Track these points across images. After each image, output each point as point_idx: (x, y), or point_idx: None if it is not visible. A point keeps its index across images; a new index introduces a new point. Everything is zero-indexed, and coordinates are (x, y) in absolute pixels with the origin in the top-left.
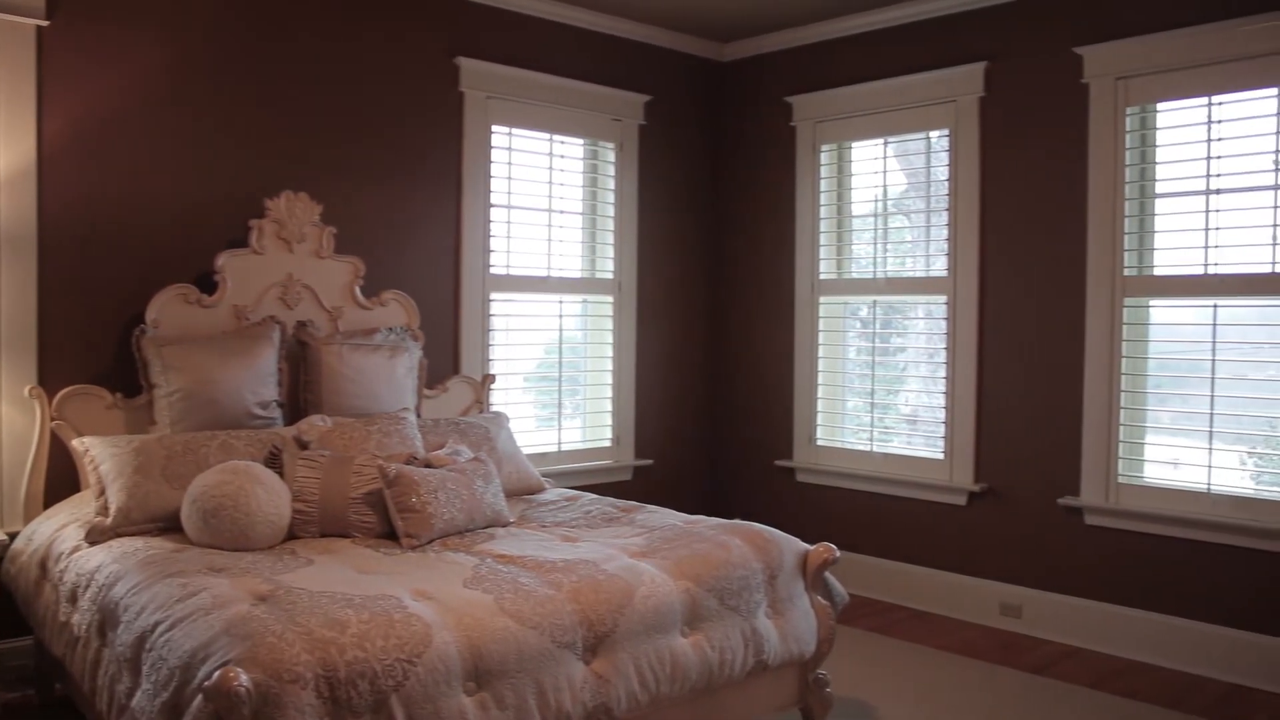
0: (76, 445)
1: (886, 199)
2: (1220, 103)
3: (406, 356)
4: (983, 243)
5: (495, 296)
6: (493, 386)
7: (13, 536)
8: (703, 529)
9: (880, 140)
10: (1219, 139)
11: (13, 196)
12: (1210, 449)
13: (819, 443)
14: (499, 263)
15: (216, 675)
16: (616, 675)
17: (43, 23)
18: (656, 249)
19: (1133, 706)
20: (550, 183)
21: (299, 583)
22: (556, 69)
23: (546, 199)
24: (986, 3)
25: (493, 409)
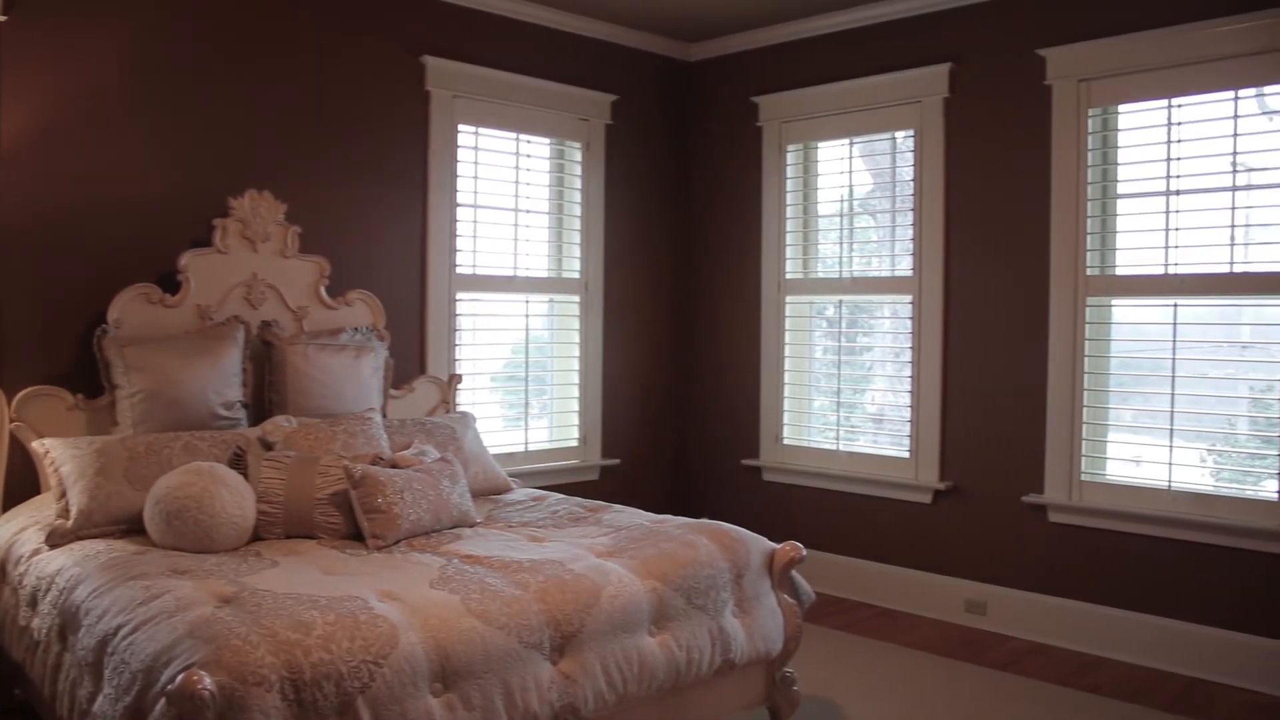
0: (36, 447)
1: (852, 199)
2: (1180, 105)
3: (372, 356)
4: (947, 243)
5: (462, 296)
6: (459, 386)
7: None
8: (670, 528)
9: (846, 140)
10: (1179, 140)
11: None
12: (1171, 446)
13: (785, 442)
14: (465, 262)
15: (180, 679)
16: (584, 675)
17: (0, 18)
18: (623, 249)
19: (1096, 701)
20: (517, 182)
21: (264, 584)
22: (523, 68)
23: (513, 198)
24: (951, 4)
25: (459, 409)
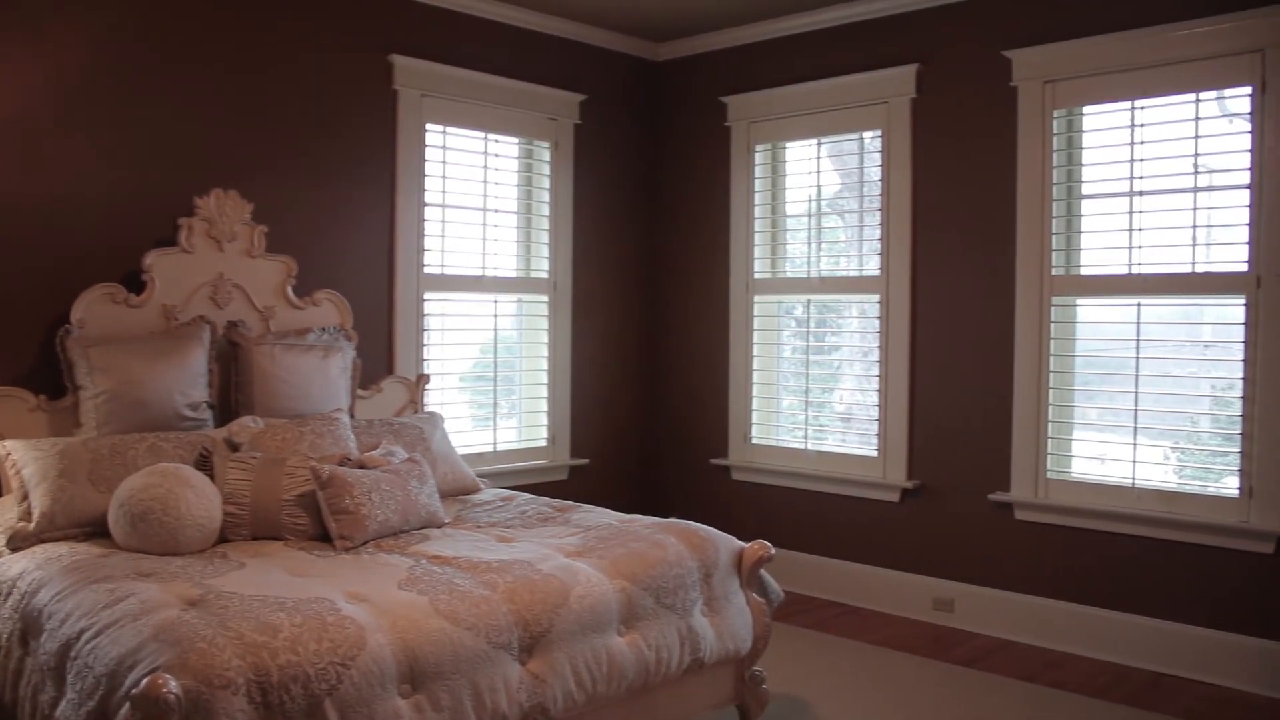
0: None
1: (820, 199)
2: (1143, 107)
3: (340, 357)
4: (915, 242)
5: (430, 296)
6: (427, 387)
7: None
8: (638, 528)
9: (814, 140)
10: (1142, 142)
11: None
12: (1135, 444)
13: (754, 441)
14: (433, 262)
15: (145, 682)
16: (553, 675)
17: None
18: (592, 248)
19: (1062, 697)
20: (485, 182)
21: (230, 587)
22: (492, 67)
23: (481, 198)
24: (918, 6)
25: (428, 409)
